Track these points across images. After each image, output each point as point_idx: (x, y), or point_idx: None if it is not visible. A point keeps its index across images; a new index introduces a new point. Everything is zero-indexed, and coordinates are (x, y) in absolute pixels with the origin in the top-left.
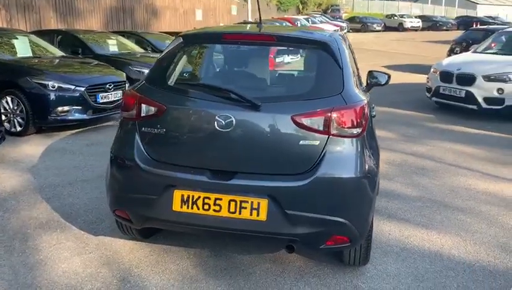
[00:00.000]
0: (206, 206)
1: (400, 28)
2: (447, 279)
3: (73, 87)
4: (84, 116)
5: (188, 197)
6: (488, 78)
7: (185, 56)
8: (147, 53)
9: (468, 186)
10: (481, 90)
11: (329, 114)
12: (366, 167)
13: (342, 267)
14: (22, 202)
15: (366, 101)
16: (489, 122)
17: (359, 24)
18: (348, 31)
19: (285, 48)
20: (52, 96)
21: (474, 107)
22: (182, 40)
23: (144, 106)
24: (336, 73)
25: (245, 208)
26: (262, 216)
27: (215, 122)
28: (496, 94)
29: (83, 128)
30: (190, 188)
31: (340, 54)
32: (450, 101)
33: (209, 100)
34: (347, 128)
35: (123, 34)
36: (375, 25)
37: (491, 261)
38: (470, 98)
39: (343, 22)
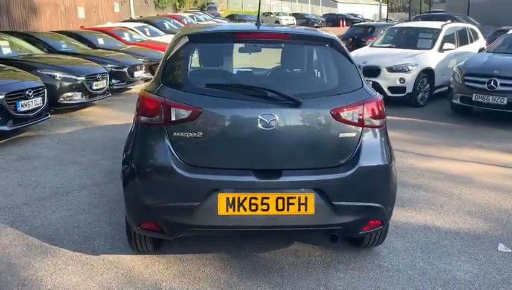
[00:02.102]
0: (253, 207)
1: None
2: (447, 247)
3: None
4: (4, 128)
5: (234, 199)
6: (390, 69)
7: (197, 56)
8: (49, 54)
9: (411, 165)
10: (386, 81)
11: (362, 107)
12: (391, 154)
13: (356, 250)
14: None
15: None
16: (394, 109)
17: (238, 22)
18: None
19: (299, 45)
20: None
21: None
22: (188, 39)
23: (174, 110)
24: (352, 68)
25: (293, 204)
26: (310, 210)
27: (258, 122)
28: (398, 83)
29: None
30: (235, 190)
31: (346, 50)
32: None
33: (248, 100)
34: (375, 119)
35: (11, 33)
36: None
37: (469, 228)
38: (377, 88)
39: (225, 20)
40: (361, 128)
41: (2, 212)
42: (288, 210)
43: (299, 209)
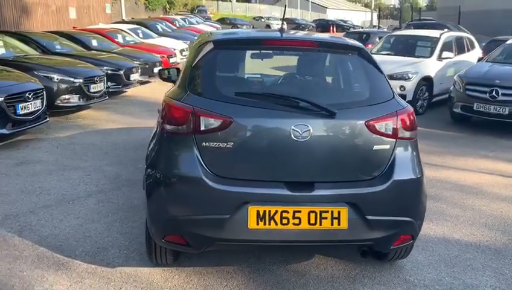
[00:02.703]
0: (284, 221)
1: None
2: (470, 261)
3: None
4: (4, 131)
5: (265, 212)
6: (391, 77)
7: (223, 63)
8: (44, 55)
9: None
10: None
11: (396, 118)
12: (421, 167)
13: (379, 263)
14: None
15: None
16: None
17: (229, 25)
18: None
19: (326, 53)
20: None
21: None
22: (212, 46)
23: (203, 119)
24: (381, 77)
25: (325, 218)
26: (344, 224)
27: (291, 133)
28: (399, 91)
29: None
30: (266, 203)
31: (374, 58)
32: None
33: (281, 110)
34: (408, 130)
35: (4, 33)
36: (245, 27)
37: (488, 241)
38: None
39: (217, 23)
40: (394, 140)
41: (9, 221)
42: (320, 224)
43: (332, 224)
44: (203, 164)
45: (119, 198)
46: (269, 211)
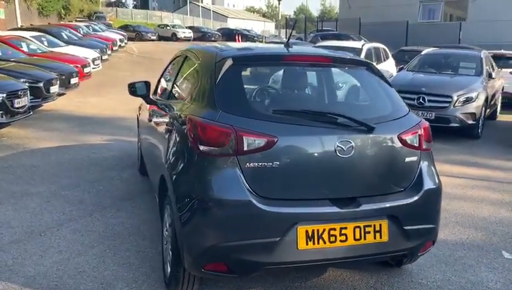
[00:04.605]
0: (332, 238)
1: (173, 37)
2: (464, 259)
3: None
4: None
5: (313, 232)
6: None
7: (249, 80)
8: None
9: None
10: None
11: (419, 131)
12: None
13: (387, 269)
14: None
15: None
16: None
17: (133, 33)
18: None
19: (339, 68)
20: None
21: None
22: (232, 62)
23: (246, 139)
24: (393, 92)
25: (369, 232)
26: (385, 237)
27: (336, 149)
28: None
29: None
30: (314, 222)
31: (382, 73)
32: None
33: (323, 127)
34: (429, 142)
35: None
36: (149, 34)
37: (468, 238)
38: None
39: (120, 30)
40: (420, 151)
41: None
42: (365, 239)
43: (375, 237)
44: (249, 186)
45: (96, 225)
46: (317, 229)
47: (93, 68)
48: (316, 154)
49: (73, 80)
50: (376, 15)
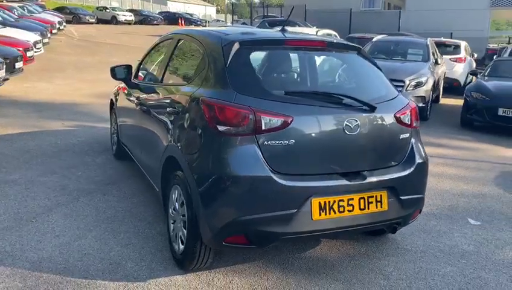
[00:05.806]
0: (341, 209)
1: (113, 21)
2: (438, 227)
3: None
4: None
5: (325, 203)
6: None
7: (259, 63)
8: None
9: None
10: None
11: (410, 110)
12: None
13: (374, 239)
14: None
15: None
16: None
17: (70, 15)
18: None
19: (335, 52)
20: None
21: None
22: (239, 46)
23: (264, 118)
24: (383, 75)
25: (371, 202)
26: (385, 206)
27: (344, 127)
28: None
29: None
30: (326, 195)
31: (371, 57)
32: None
33: (333, 107)
34: (417, 120)
35: None
36: (87, 17)
37: (437, 209)
38: None
39: (55, 12)
40: (410, 129)
41: None
42: (368, 209)
43: (377, 207)
44: (267, 163)
45: (87, 210)
46: (328, 201)
47: (35, 52)
48: (326, 132)
49: (18, 64)
50: (320, 2)
